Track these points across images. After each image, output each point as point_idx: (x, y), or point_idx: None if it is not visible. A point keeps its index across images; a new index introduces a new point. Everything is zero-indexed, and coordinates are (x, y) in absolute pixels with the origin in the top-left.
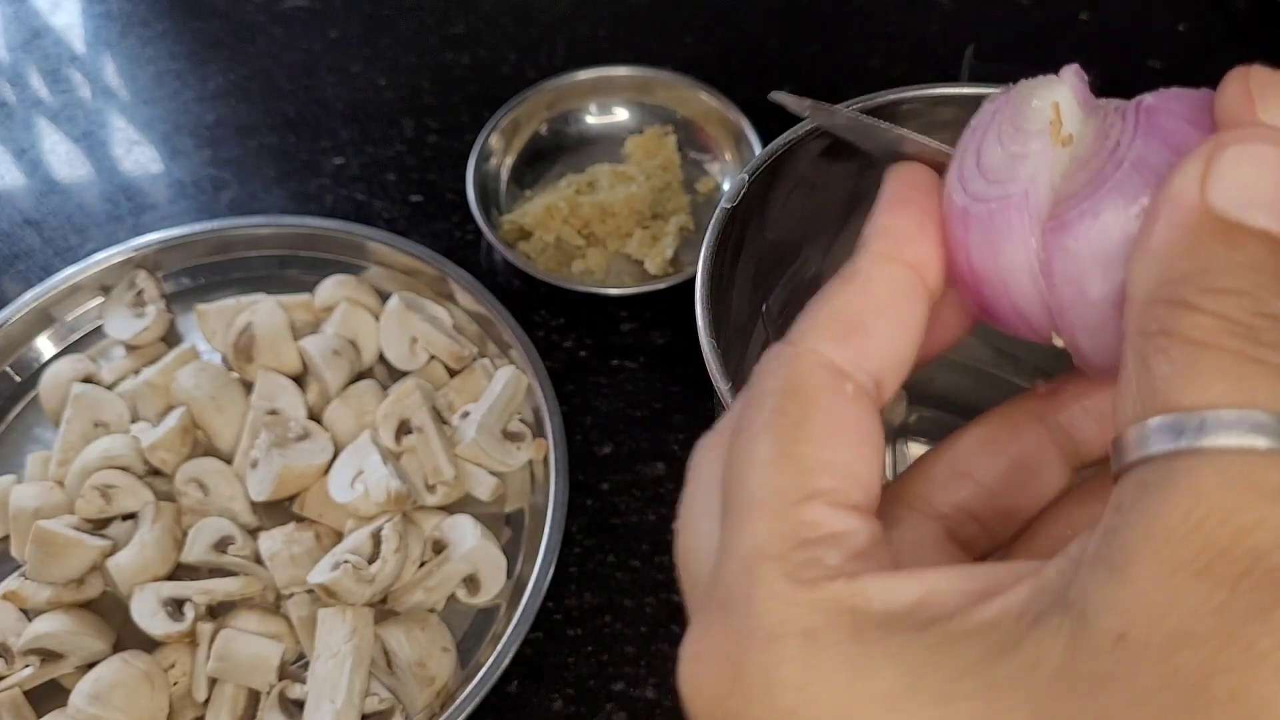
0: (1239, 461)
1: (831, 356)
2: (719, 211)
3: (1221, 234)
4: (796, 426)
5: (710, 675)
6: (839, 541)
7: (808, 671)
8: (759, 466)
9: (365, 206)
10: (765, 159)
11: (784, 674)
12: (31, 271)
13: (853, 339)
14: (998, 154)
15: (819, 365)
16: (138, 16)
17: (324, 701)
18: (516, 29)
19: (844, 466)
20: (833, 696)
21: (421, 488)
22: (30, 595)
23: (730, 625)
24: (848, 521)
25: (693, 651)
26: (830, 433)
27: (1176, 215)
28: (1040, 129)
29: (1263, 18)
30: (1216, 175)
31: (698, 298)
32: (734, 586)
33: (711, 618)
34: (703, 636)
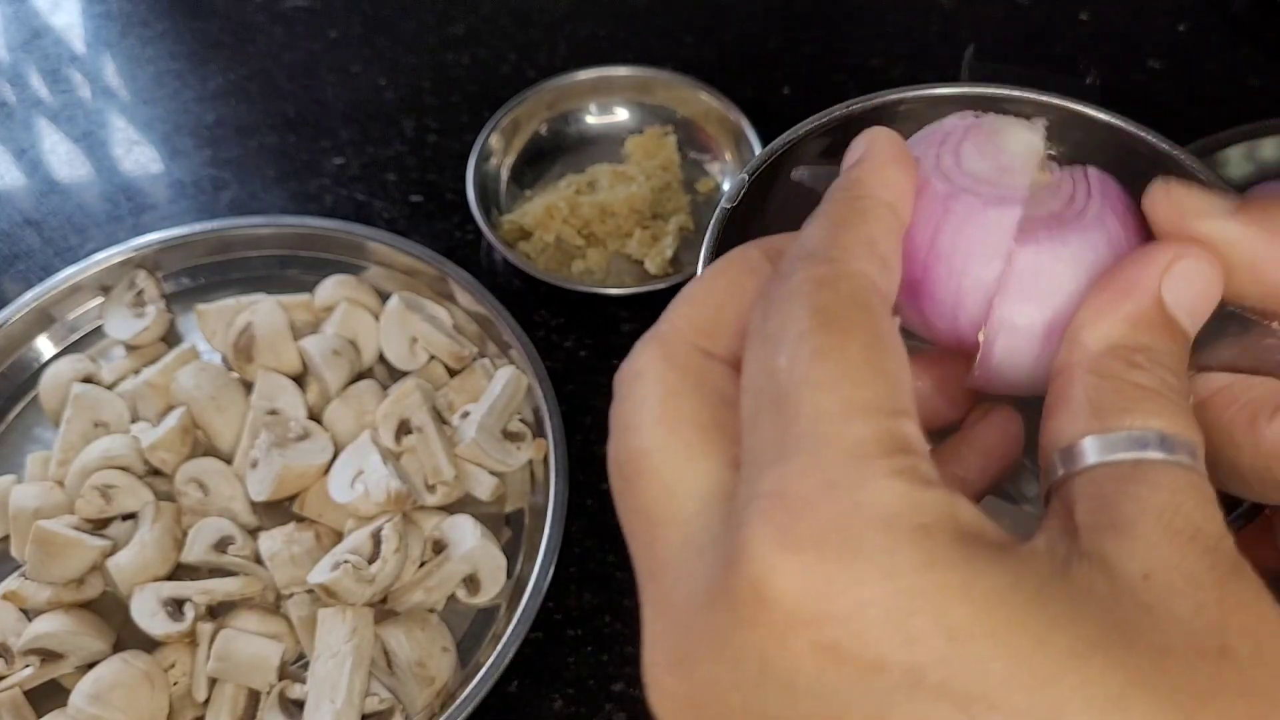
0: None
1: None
2: (719, 211)
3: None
4: (878, 341)
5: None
6: (926, 457)
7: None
8: (849, 370)
9: (365, 206)
10: (765, 159)
11: (905, 556)
12: (31, 271)
13: (886, 272)
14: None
15: (874, 288)
16: (138, 16)
17: (324, 701)
18: (516, 29)
19: (911, 392)
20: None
21: (421, 488)
22: (30, 595)
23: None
24: (925, 445)
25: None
26: (900, 355)
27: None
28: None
29: (1263, 18)
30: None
31: None
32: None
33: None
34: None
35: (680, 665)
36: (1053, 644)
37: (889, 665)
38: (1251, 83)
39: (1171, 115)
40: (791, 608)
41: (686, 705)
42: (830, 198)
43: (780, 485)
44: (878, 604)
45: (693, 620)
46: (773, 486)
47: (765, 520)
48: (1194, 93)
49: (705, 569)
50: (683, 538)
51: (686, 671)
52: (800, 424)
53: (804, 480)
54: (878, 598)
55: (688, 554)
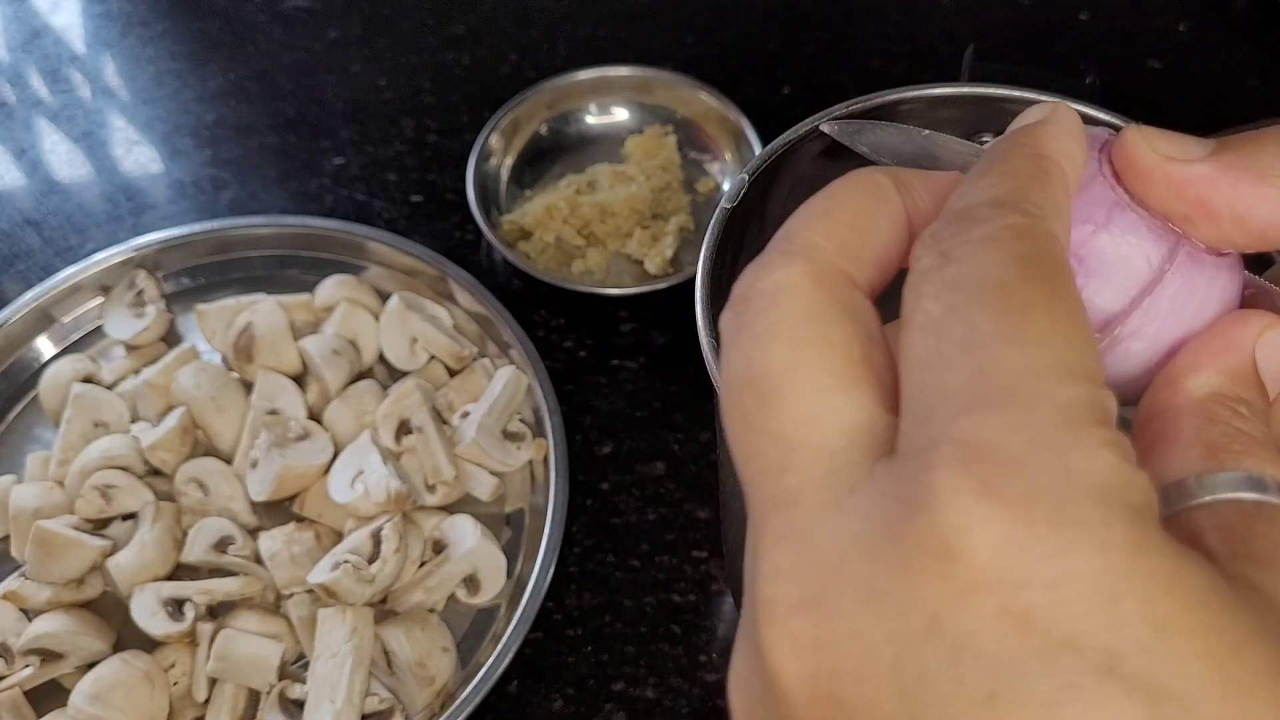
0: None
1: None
2: (719, 211)
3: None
4: (1076, 307)
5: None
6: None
7: (1141, 539)
8: (1061, 328)
9: (365, 206)
10: (765, 159)
11: (1117, 534)
12: (31, 271)
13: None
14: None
15: (1065, 254)
16: (138, 16)
17: (324, 701)
18: (516, 29)
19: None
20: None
21: (421, 488)
22: (30, 595)
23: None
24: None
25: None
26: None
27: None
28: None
29: (1263, 18)
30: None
31: (698, 298)
32: (1050, 437)
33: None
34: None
35: (818, 608)
36: (1248, 655)
37: (1085, 646)
38: (1251, 83)
39: (1171, 115)
40: (984, 565)
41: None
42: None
43: (980, 435)
44: (1085, 578)
45: (843, 562)
46: (970, 435)
47: (964, 469)
48: (1194, 93)
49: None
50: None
51: (825, 616)
52: (1003, 376)
53: (1011, 434)
54: (1086, 571)
55: (836, 490)
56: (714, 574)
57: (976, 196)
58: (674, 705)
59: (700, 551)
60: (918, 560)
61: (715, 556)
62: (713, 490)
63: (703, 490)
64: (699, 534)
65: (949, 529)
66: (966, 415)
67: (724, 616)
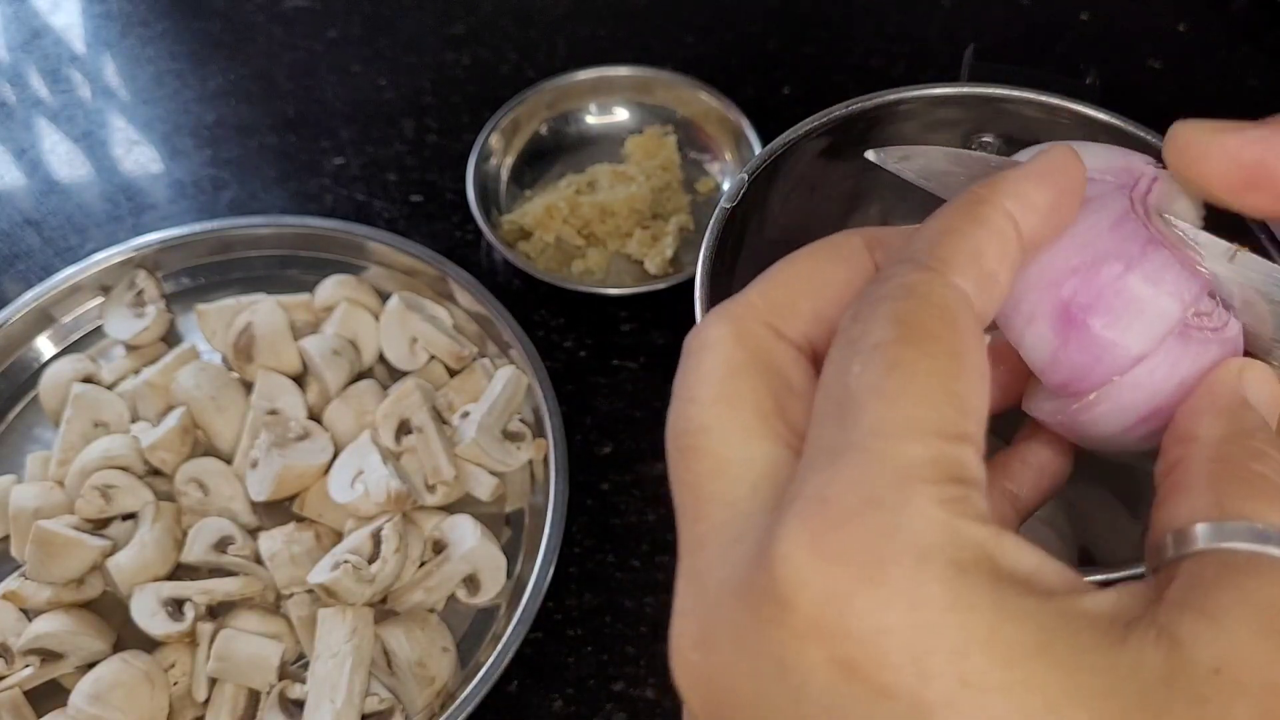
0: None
1: (973, 298)
2: (719, 211)
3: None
4: (955, 360)
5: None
6: (981, 490)
7: (955, 598)
8: (918, 387)
9: (365, 206)
10: (765, 159)
11: (931, 591)
12: (31, 271)
13: (986, 289)
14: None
15: (967, 304)
16: (138, 16)
17: (324, 701)
18: (516, 29)
19: (981, 416)
20: (974, 629)
21: (421, 488)
22: (30, 595)
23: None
24: (983, 474)
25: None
26: (978, 377)
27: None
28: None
29: (1263, 18)
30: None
31: (697, 298)
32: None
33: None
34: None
35: (703, 644)
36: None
37: (899, 694)
38: (1251, 83)
39: (1171, 115)
40: (813, 617)
41: (703, 681)
42: (955, 200)
43: (823, 491)
44: (897, 634)
45: (720, 604)
46: (816, 491)
47: (801, 524)
48: (1194, 93)
49: (739, 557)
50: (724, 520)
51: (707, 651)
52: (857, 433)
53: (848, 491)
54: (898, 627)
55: (727, 537)
56: None
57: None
58: (674, 705)
59: None
60: (764, 608)
61: None
62: None
63: None
64: None
65: (784, 582)
66: (819, 473)
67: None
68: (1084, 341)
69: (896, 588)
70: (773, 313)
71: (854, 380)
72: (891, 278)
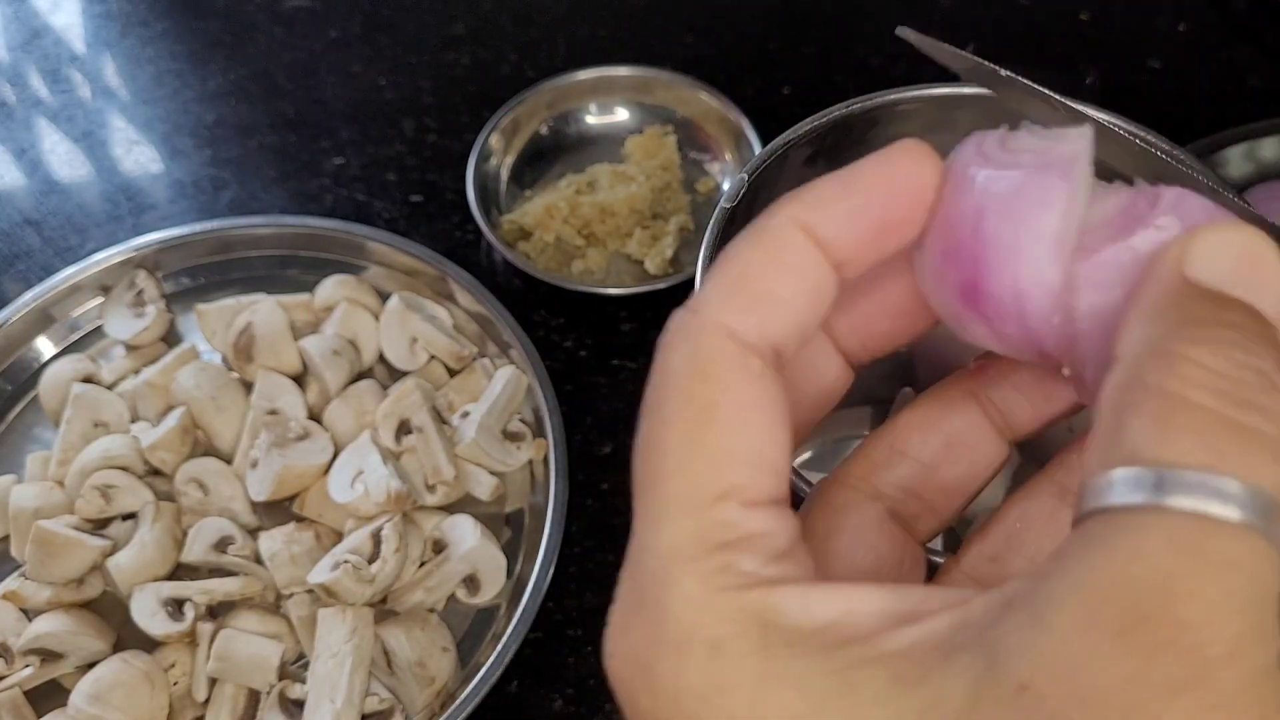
0: (1192, 526)
1: (735, 327)
2: (719, 211)
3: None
4: (704, 413)
5: (623, 672)
6: (755, 544)
7: (710, 681)
8: (671, 458)
9: (365, 206)
10: (765, 159)
11: (690, 681)
12: (31, 271)
13: (758, 308)
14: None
15: (724, 339)
16: (138, 16)
17: (324, 701)
18: (516, 29)
19: (755, 454)
20: (732, 709)
21: (421, 488)
22: (30, 595)
23: (644, 626)
24: (764, 521)
25: (610, 648)
26: (738, 417)
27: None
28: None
29: (1263, 18)
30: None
31: None
32: (649, 587)
33: (628, 615)
34: (620, 634)
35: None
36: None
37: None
38: (1251, 83)
39: (1171, 115)
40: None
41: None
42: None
43: (619, 591)
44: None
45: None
46: (618, 591)
47: (609, 625)
48: (1194, 93)
49: None
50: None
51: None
52: (636, 523)
53: (629, 590)
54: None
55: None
56: None
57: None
58: None
59: None
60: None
61: None
62: None
63: None
64: None
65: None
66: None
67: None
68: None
69: (662, 685)
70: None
71: (636, 465)
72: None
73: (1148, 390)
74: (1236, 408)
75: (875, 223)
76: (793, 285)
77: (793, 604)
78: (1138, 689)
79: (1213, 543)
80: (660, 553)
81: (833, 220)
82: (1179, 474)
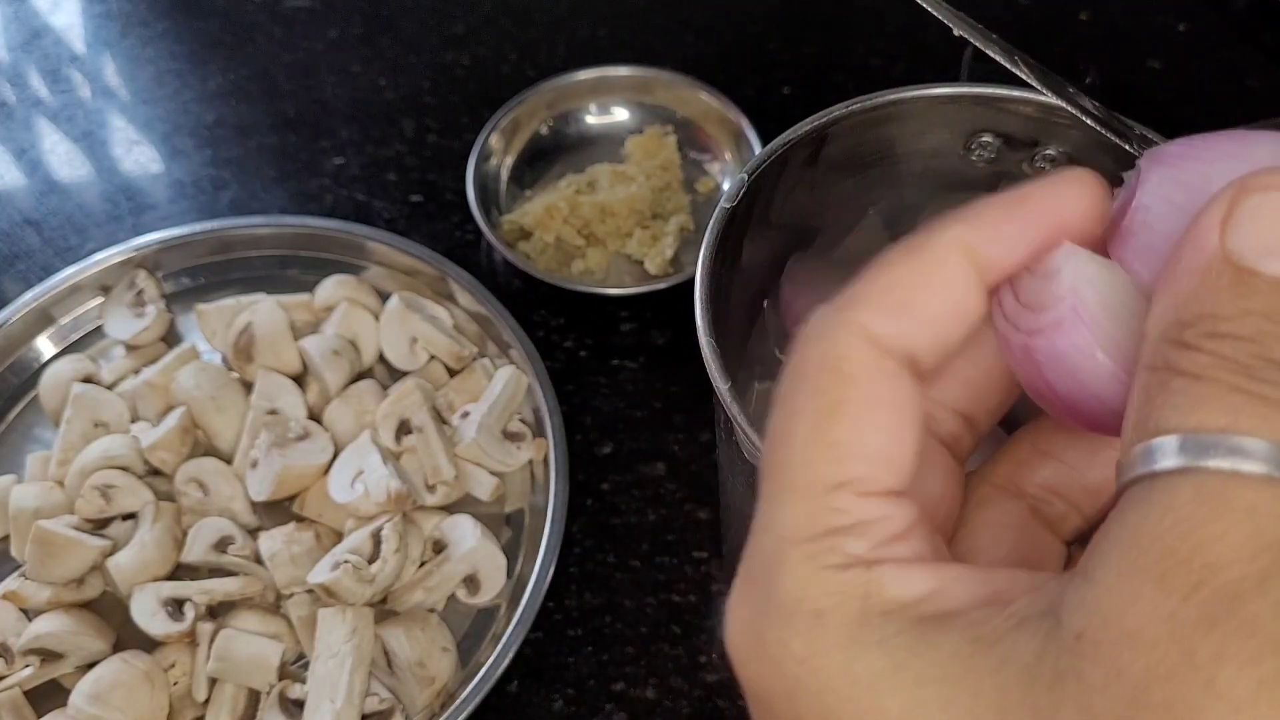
0: (1216, 480)
1: (875, 330)
2: (719, 211)
3: (1233, 280)
4: (833, 409)
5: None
6: (866, 530)
7: (810, 646)
8: (796, 448)
9: (365, 206)
10: (765, 159)
11: (793, 647)
12: (31, 271)
13: (901, 315)
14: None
15: (860, 339)
16: (138, 16)
17: (324, 701)
18: (516, 29)
19: (878, 450)
20: (827, 671)
21: (421, 488)
22: (30, 595)
23: (757, 599)
24: (878, 509)
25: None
26: (866, 415)
27: (1196, 259)
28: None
29: (1263, 18)
30: (1236, 221)
31: (697, 298)
32: (764, 564)
33: (745, 590)
34: (737, 607)
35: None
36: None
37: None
38: (1251, 83)
39: (1171, 115)
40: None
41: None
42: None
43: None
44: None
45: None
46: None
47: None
48: (1194, 93)
49: None
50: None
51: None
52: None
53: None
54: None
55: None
56: (714, 574)
57: None
58: (674, 706)
59: (700, 552)
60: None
61: (715, 557)
62: (713, 490)
63: (703, 490)
64: (699, 534)
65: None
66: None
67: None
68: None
69: (770, 651)
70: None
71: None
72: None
73: (1170, 373)
74: (1249, 381)
75: (1037, 250)
76: (940, 300)
77: (891, 581)
78: (1176, 625)
79: (1236, 493)
80: (776, 534)
81: (994, 243)
82: (1201, 438)
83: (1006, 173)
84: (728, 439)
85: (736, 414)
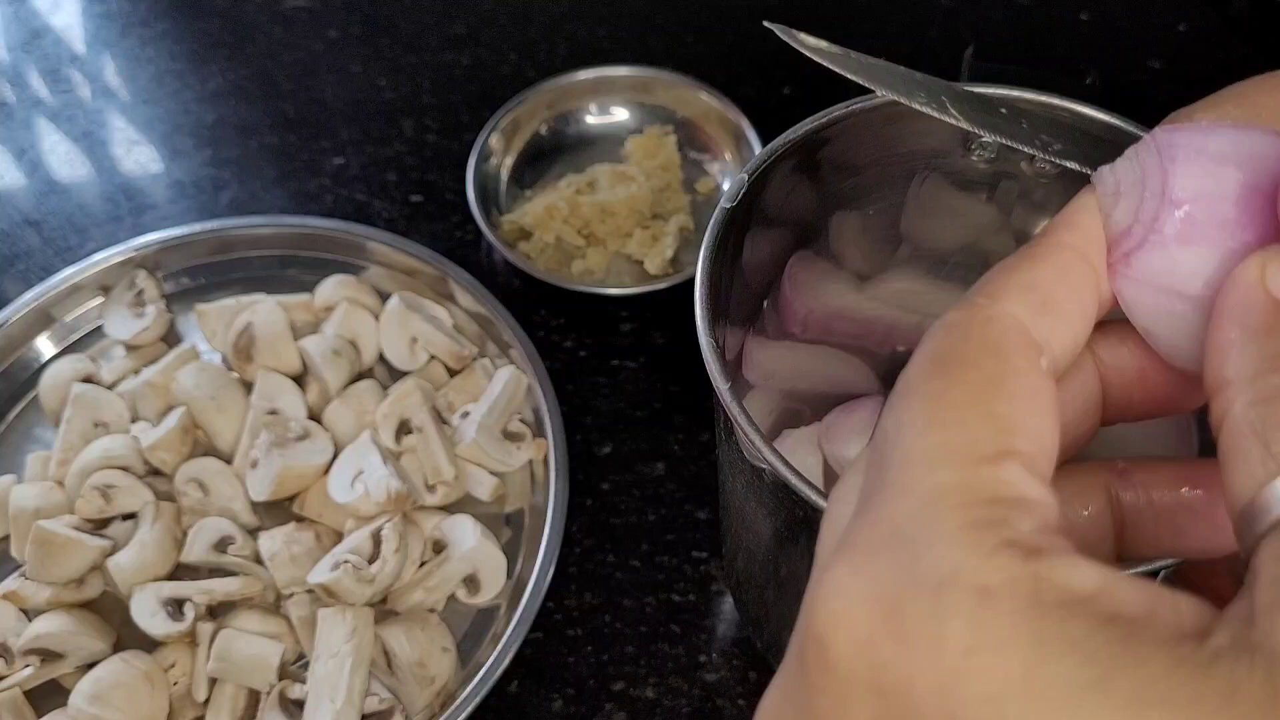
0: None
1: (1029, 325)
2: (719, 211)
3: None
4: (994, 383)
5: (859, 616)
6: (1031, 510)
7: (979, 634)
8: (951, 413)
9: (365, 206)
10: (765, 159)
11: (952, 629)
12: (31, 271)
13: (1046, 315)
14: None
15: (1017, 330)
16: (138, 16)
17: (324, 701)
18: (516, 29)
19: (1038, 434)
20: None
21: (421, 488)
22: (30, 595)
23: (892, 566)
24: (1041, 491)
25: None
26: (1028, 397)
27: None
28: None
29: (1263, 18)
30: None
31: (697, 298)
32: (904, 526)
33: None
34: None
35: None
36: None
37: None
38: None
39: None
40: (848, 672)
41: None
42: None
43: (856, 534)
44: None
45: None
46: (850, 536)
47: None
48: (1194, 93)
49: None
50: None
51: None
52: (888, 471)
53: (875, 528)
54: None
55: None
56: (714, 574)
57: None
58: (674, 705)
59: (700, 551)
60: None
61: (715, 557)
62: (713, 490)
63: (703, 490)
64: (699, 534)
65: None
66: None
67: (724, 616)
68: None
69: (916, 631)
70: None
71: (889, 422)
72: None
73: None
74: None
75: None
76: (1077, 303)
77: (1063, 568)
78: None
79: None
80: (922, 493)
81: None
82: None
83: (1006, 173)
84: (728, 439)
85: (736, 414)
